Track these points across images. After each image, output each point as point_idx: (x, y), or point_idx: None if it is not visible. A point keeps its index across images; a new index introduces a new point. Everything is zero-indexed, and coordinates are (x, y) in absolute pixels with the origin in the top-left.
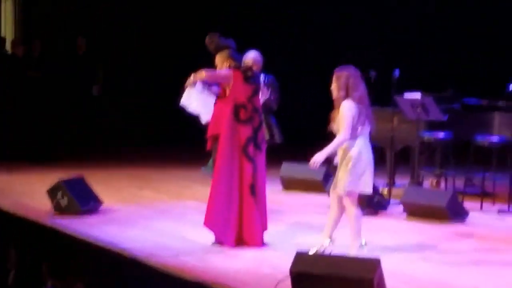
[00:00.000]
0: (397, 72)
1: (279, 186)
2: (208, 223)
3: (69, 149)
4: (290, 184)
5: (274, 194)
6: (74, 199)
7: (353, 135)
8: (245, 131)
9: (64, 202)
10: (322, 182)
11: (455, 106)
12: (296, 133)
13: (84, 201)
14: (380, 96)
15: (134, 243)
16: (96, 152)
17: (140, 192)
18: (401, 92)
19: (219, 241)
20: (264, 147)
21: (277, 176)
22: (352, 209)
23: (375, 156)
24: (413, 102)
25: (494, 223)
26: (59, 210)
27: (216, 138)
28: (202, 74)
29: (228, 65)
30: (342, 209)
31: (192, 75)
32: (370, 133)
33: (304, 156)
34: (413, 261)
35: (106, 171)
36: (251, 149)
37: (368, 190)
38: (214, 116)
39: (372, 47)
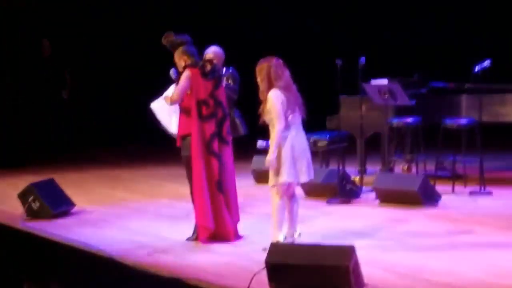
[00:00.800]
0: (363, 60)
1: (251, 180)
2: (198, 219)
3: (39, 153)
4: (262, 177)
5: (247, 188)
6: (45, 202)
7: (286, 124)
8: (209, 127)
9: (35, 205)
10: None
11: (422, 91)
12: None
13: (56, 204)
14: (347, 84)
15: (109, 243)
16: (65, 154)
17: (112, 193)
18: (367, 79)
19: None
20: (230, 140)
21: (248, 169)
22: (276, 200)
23: (347, 144)
24: (380, 88)
25: (466, 205)
26: (31, 214)
27: (185, 137)
28: (173, 98)
29: (183, 61)
30: (290, 199)
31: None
32: (303, 121)
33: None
34: (388, 247)
35: (77, 173)
36: (215, 144)
37: (304, 179)
38: (181, 115)
39: (337, 36)
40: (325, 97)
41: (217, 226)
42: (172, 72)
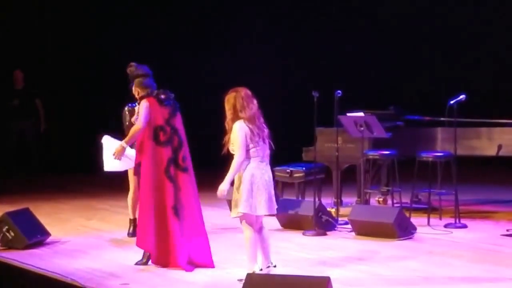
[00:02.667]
0: (339, 93)
1: (226, 209)
2: (139, 243)
3: (14, 182)
4: None
5: (221, 217)
6: (20, 232)
7: (247, 157)
8: (166, 153)
9: (10, 235)
10: None
11: (398, 123)
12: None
13: (31, 233)
14: (323, 116)
15: (83, 274)
16: (41, 184)
17: (87, 223)
18: (343, 112)
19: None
20: (189, 167)
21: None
22: (247, 232)
23: (324, 176)
24: (356, 120)
25: (441, 237)
26: (6, 243)
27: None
28: (138, 126)
29: (137, 93)
30: (259, 231)
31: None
32: (270, 154)
33: None
34: (363, 279)
35: (52, 203)
36: (172, 169)
37: (261, 212)
38: (137, 143)
39: (314, 68)
40: (302, 128)
41: (167, 252)
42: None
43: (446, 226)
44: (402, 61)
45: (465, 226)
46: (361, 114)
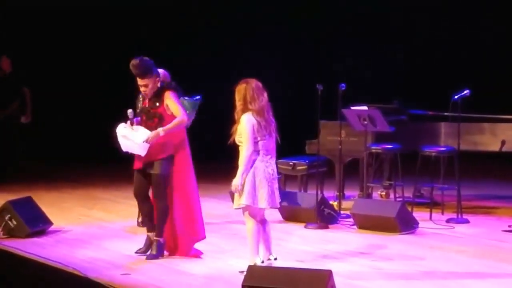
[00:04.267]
0: (343, 86)
1: (228, 201)
2: (196, 235)
3: (16, 171)
4: None
5: (224, 209)
6: (22, 221)
7: (254, 149)
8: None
9: (12, 223)
10: None
11: (401, 118)
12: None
13: (33, 222)
14: (327, 110)
15: (85, 263)
16: (43, 173)
17: (89, 212)
18: (347, 105)
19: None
20: None
21: (226, 191)
22: (249, 224)
23: (327, 169)
24: (359, 114)
25: (443, 232)
26: (8, 232)
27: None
28: (184, 118)
29: (158, 83)
30: (261, 223)
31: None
32: (275, 147)
33: None
34: (365, 273)
35: (54, 192)
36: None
37: (263, 205)
38: (162, 137)
39: (319, 61)
40: (305, 121)
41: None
42: (129, 112)
43: (448, 221)
44: (406, 54)
45: (467, 221)
46: (364, 107)
